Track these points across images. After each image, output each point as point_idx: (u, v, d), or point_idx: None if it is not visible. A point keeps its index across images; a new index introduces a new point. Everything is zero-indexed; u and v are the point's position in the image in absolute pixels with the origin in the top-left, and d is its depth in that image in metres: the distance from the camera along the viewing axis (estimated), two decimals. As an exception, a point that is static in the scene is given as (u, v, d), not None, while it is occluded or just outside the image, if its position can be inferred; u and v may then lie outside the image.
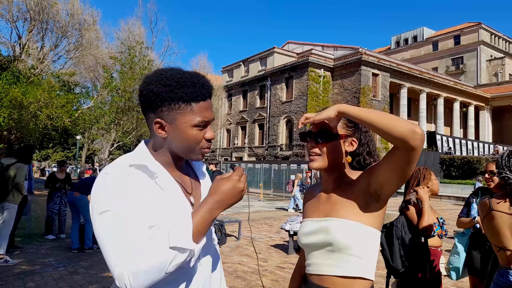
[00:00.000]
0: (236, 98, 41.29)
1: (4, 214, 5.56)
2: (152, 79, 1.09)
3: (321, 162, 1.27)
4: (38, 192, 16.80)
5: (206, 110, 1.11)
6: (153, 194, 1.05)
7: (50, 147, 42.94)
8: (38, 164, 61.26)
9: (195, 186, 1.23)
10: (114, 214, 0.97)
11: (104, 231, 0.97)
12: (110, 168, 1.06)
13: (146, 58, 24.18)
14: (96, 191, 1.03)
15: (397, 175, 1.14)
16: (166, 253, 0.95)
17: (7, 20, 17.92)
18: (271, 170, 23.39)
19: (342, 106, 1.15)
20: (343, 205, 1.25)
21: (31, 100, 14.38)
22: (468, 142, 33.16)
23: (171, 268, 0.96)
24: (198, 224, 1.00)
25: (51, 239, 7.41)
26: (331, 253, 1.22)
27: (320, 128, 1.26)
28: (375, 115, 1.10)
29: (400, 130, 1.05)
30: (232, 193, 1.04)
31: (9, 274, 5.00)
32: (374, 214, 1.23)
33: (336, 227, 1.21)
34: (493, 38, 50.61)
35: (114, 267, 0.94)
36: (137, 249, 0.94)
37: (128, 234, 0.96)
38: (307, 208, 1.40)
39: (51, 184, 7.79)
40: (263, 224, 10.36)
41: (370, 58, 30.96)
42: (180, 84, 1.07)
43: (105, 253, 0.97)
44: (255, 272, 5.43)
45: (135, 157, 1.11)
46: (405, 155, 1.08)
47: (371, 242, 1.22)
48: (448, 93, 38.46)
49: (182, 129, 1.09)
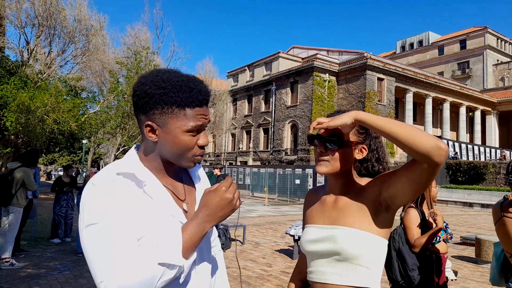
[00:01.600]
0: (241, 103, 41.39)
1: (9, 218, 5.61)
2: (147, 80, 1.05)
3: (329, 167, 1.22)
4: (44, 196, 16.92)
5: (201, 115, 1.05)
6: (141, 204, 1.01)
7: (56, 151, 43.29)
8: (44, 168, 61.74)
9: (189, 192, 1.18)
10: (99, 228, 0.93)
11: (89, 245, 0.94)
12: (97, 179, 1.02)
13: (152, 63, 24.34)
14: (83, 203, 0.99)
15: (413, 189, 1.11)
16: (154, 269, 0.91)
17: (15, 26, 18.16)
18: (276, 175, 23.35)
19: (360, 113, 1.10)
20: (351, 213, 1.21)
21: (38, 105, 14.52)
22: (474, 147, 32.88)
23: (159, 284, 0.93)
24: (187, 240, 0.97)
25: (57, 242, 7.45)
26: (338, 262, 1.19)
27: (331, 133, 1.20)
28: (398, 127, 1.05)
29: (425, 146, 1.00)
30: (220, 205, 1.00)
31: (15, 277, 5.03)
32: (383, 223, 1.19)
33: (344, 236, 1.18)
34: (499, 43, 50.35)
35: (100, 284, 0.90)
36: (123, 264, 0.90)
37: (114, 249, 0.91)
38: (311, 213, 1.35)
39: (57, 187, 7.84)
40: (267, 228, 10.34)
41: (375, 62, 30.93)
42: (175, 88, 1.02)
43: (91, 268, 0.93)
44: (260, 277, 5.41)
45: (124, 164, 1.06)
46: (426, 170, 1.04)
47: (379, 252, 1.20)
48: (454, 97, 38.26)
49: (174, 134, 1.03)
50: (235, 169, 27.84)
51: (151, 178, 1.07)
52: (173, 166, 1.14)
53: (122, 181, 1.01)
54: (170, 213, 1.06)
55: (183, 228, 0.99)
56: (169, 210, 1.06)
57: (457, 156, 29.09)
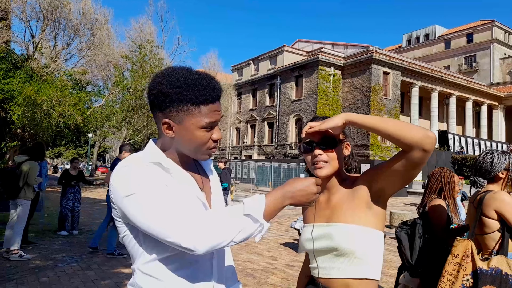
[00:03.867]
0: (245, 97, 41.34)
1: (17, 210, 5.67)
2: (162, 79, 1.09)
3: (329, 168, 1.28)
4: (51, 189, 17.07)
5: (214, 112, 1.11)
6: (170, 184, 1.08)
7: (62, 145, 43.58)
8: (50, 161, 62.20)
9: (205, 182, 1.25)
10: (143, 193, 1.01)
11: (139, 209, 1.01)
12: (128, 162, 1.09)
13: (157, 57, 24.35)
14: (117, 181, 1.06)
15: (403, 178, 1.19)
16: (239, 219, 1.00)
17: (21, 20, 18.23)
18: (281, 169, 23.38)
19: (349, 115, 1.18)
20: (344, 209, 1.27)
21: (44, 98, 14.60)
22: (480, 141, 32.68)
23: (239, 236, 1.00)
24: (269, 203, 1.04)
25: (64, 235, 7.52)
26: (337, 257, 1.24)
27: (323, 135, 1.26)
28: (389, 123, 1.14)
29: (415, 136, 1.09)
30: (303, 191, 1.07)
31: (24, 268, 5.10)
32: (376, 216, 1.25)
33: (339, 232, 1.24)
34: (507, 36, 49.71)
35: (172, 230, 0.97)
36: (190, 211, 1.00)
37: (172, 202, 1.01)
38: (307, 214, 1.42)
39: (64, 180, 7.90)
40: (272, 222, 10.37)
41: (381, 56, 30.70)
42: (190, 86, 1.07)
43: (154, 223, 0.99)
44: (265, 270, 5.44)
45: (148, 155, 1.13)
46: (417, 158, 1.12)
47: (375, 244, 1.25)
48: (461, 91, 37.94)
49: (190, 130, 1.09)
50: (239, 163, 27.90)
51: (176, 167, 1.15)
52: (190, 159, 1.22)
53: (151, 166, 1.10)
54: (196, 195, 1.15)
55: (267, 195, 1.06)
56: (195, 192, 1.15)
57: (463, 151, 28.93)
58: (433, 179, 2.88)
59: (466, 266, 2.02)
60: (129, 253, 1.16)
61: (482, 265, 1.99)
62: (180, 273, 1.09)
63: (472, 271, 2.01)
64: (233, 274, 1.32)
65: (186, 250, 0.98)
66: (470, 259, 2.03)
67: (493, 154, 2.30)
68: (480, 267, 1.98)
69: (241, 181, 24.88)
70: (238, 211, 1.01)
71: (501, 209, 2.11)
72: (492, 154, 2.31)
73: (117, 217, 1.11)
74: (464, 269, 2.03)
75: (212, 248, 0.98)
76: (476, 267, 1.99)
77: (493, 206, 2.13)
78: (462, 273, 2.03)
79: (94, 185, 13.05)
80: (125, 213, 1.03)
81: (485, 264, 1.99)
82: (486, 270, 1.96)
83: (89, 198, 15.20)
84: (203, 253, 0.98)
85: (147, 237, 1.06)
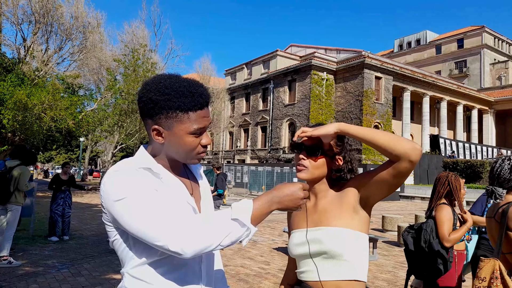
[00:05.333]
0: (239, 101, 41.35)
1: (7, 216, 5.59)
2: (151, 87, 1.11)
3: (308, 174, 1.34)
4: (42, 194, 16.87)
5: (203, 118, 1.13)
6: (160, 189, 1.10)
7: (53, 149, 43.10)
8: (41, 166, 61.48)
9: (194, 187, 1.27)
10: (133, 197, 1.02)
11: (129, 214, 1.02)
12: (118, 168, 1.10)
13: (150, 61, 24.26)
14: (107, 186, 1.07)
15: (389, 187, 1.25)
16: (226, 224, 1.01)
17: (12, 23, 18.05)
18: (274, 173, 23.37)
19: (342, 124, 1.23)
20: (331, 213, 1.31)
21: (35, 102, 14.45)
22: (471, 145, 33.04)
23: (226, 240, 1.01)
24: (257, 208, 1.05)
25: (55, 241, 7.42)
26: (325, 260, 1.28)
27: (313, 142, 1.32)
28: (378, 134, 1.20)
29: (403, 148, 1.16)
30: (291, 196, 1.08)
31: (13, 275, 5.02)
32: (362, 220, 1.30)
33: (327, 236, 1.28)
34: (496, 42, 50.49)
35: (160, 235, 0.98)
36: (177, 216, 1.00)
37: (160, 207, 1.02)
38: (294, 220, 1.45)
39: (55, 185, 7.80)
40: (265, 227, 10.35)
41: (373, 61, 30.96)
42: (178, 93, 1.09)
43: (143, 227, 1.00)
44: (258, 275, 5.42)
45: (138, 160, 1.15)
46: (404, 168, 1.18)
47: (362, 246, 1.29)
48: (452, 96, 38.37)
49: (179, 136, 1.11)
50: (232, 167, 27.83)
51: (165, 172, 1.17)
52: (179, 164, 1.24)
53: (141, 171, 1.11)
54: (186, 200, 1.16)
55: (255, 199, 1.08)
56: (185, 197, 1.16)
57: (454, 155, 29.21)
58: (440, 183, 2.90)
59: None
60: (119, 257, 1.17)
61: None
62: (169, 276, 1.10)
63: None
64: (222, 278, 1.34)
65: (174, 254, 0.99)
66: (500, 281, 1.83)
67: (511, 160, 2.08)
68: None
69: (234, 185, 24.83)
70: (226, 215, 1.02)
71: None
72: (510, 160, 2.08)
73: (107, 221, 1.12)
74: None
75: (199, 252, 1.00)
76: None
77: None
78: None
79: (86, 189, 12.91)
80: (115, 217, 1.05)
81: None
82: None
83: (80, 203, 15.05)
84: (191, 256, 0.99)
85: (137, 241, 1.08)
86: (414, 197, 20.84)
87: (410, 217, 12.22)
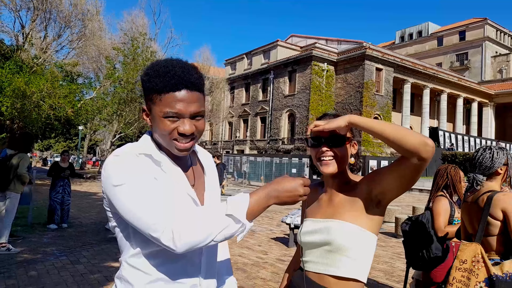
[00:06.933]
0: (238, 91, 41.21)
1: (6, 203, 5.60)
2: (147, 68, 1.11)
3: (335, 166, 1.29)
4: (41, 182, 16.89)
5: (177, 101, 1.04)
6: (160, 178, 1.08)
7: (52, 137, 43.05)
8: (40, 154, 61.49)
9: (198, 178, 1.23)
10: (131, 184, 1.01)
11: (127, 199, 1.00)
12: (119, 153, 1.09)
13: (149, 50, 24.11)
14: (107, 171, 1.05)
15: (403, 184, 1.19)
16: (220, 219, 0.98)
17: (10, 9, 17.87)
18: (273, 164, 23.42)
19: (353, 117, 1.19)
20: (345, 208, 1.28)
21: (34, 90, 14.39)
22: (470, 138, 33.06)
23: (219, 236, 0.98)
24: (253, 203, 1.02)
25: (53, 228, 7.44)
26: (328, 253, 1.26)
27: (332, 132, 1.26)
28: (389, 127, 1.15)
29: (413, 143, 1.09)
30: (289, 191, 1.04)
31: (12, 262, 5.04)
32: (373, 219, 1.26)
33: (336, 228, 1.25)
34: (498, 34, 50.16)
35: (154, 225, 0.97)
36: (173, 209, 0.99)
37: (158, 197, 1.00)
38: (310, 209, 1.43)
39: (54, 173, 7.79)
40: (263, 217, 10.40)
41: (374, 52, 30.78)
42: (155, 74, 1.05)
43: (138, 216, 0.99)
44: (256, 264, 5.46)
45: (141, 147, 1.13)
46: (414, 165, 1.12)
47: (368, 246, 1.26)
48: (452, 89, 38.27)
49: (155, 119, 1.08)
50: (231, 157, 27.87)
51: (166, 161, 1.13)
52: None
53: (142, 158, 1.09)
54: (185, 191, 1.12)
55: (251, 194, 1.04)
56: (184, 188, 1.13)
57: (453, 147, 29.23)
58: (439, 176, 2.93)
59: (478, 273, 1.92)
60: (118, 244, 1.16)
61: (495, 271, 1.88)
62: (166, 267, 1.09)
63: (485, 278, 1.90)
64: (227, 268, 1.33)
65: (166, 247, 0.98)
66: (481, 265, 1.92)
67: (492, 149, 2.25)
68: (494, 273, 1.87)
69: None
70: (221, 210, 0.99)
71: (507, 210, 2.00)
72: (491, 149, 2.25)
73: (107, 207, 1.11)
74: (476, 275, 1.92)
75: (191, 248, 0.97)
76: (491, 274, 1.88)
77: (500, 206, 2.04)
78: (474, 280, 1.92)
79: (84, 178, 12.93)
80: (112, 202, 1.04)
81: (498, 269, 1.89)
82: (501, 276, 1.86)
83: (79, 192, 15.08)
84: (182, 251, 0.97)
85: (135, 230, 1.06)
86: (412, 188, 20.92)
87: (407, 208, 12.27)
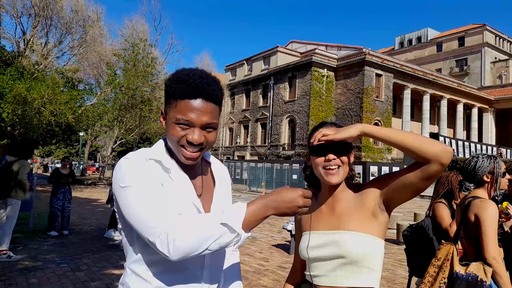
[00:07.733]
0: (239, 97, 41.29)
1: (7, 210, 5.59)
2: (172, 73, 1.16)
3: (341, 175, 1.25)
4: (41, 188, 16.87)
5: (191, 110, 1.06)
6: (167, 185, 1.09)
7: (53, 144, 43.07)
8: (41, 160, 61.48)
9: (206, 189, 1.21)
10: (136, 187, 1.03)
11: (131, 201, 1.02)
12: (130, 155, 1.11)
13: (150, 56, 24.20)
14: (117, 171, 1.08)
15: (415, 190, 1.19)
16: (215, 228, 0.97)
17: (11, 16, 17.96)
18: (273, 170, 23.37)
19: (366, 126, 1.17)
20: (351, 217, 1.25)
21: (35, 96, 14.41)
22: (471, 144, 33.03)
23: (214, 245, 0.98)
24: (250, 213, 1.00)
25: (54, 235, 7.41)
26: (344, 265, 1.22)
27: (337, 141, 1.22)
28: (409, 136, 1.14)
29: (434, 150, 1.11)
30: (287, 202, 1.02)
31: (12, 269, 5.02)
32: (381, 225, 1.25)
33: (347, 240, 1.22)
34: (497, 40, 50.37)
35: (152, 229, 0.98)
36: (172, 216, 1.00)
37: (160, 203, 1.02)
38: (307, 221, 1.35)
39: (55, 179, 7.77)
40: (265, 223, 10.36)
41: (373, 58, 30.90)
42: (177, 80, 1.09)
43: (139, 219, 1.01)
44: (257, 272, 5.43)
45: (152, 152, 1.15)
46: (435, 171, 1.12)
47: (380, 253, 1.25)
48: (452, 94, 38.35)
49: (168, 124, 1.11)
50: (232, 163, 27.84)
51: (176, 168, 1.14)
52: None
53: (152, 163, 1.11)
54: (191, 201, 1.13)
55: (249, 203, 1.03)
56: (190, 197, 1.13)
57: (453, 154, 29.22)
58: (440, 183, 2.93)
59: (445, 269, 2.06)
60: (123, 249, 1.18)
61: (459, 270, 2.01)
62: (167, 277, 1.09)
63: (449, 275, 2.04)
64: (235, 275, 1.33)
65: (161, 254, 0.98)
66: (449, 263, 2.06)
67: (478, 157, 2.32)
68: (457, 271, 2.01)
69: (234, 181, 24.83)
70: (216, 219, 0.98)
71: (480, 214, 2.10)
72: (478, 157, 2.32)
73: (115, 208, 1.13)
74: (443, 272, 2.06)
75: (185, 256, 0.97)
76: (453, 271, 2.02)
77: (474, 211, 2.14)
78: (441, 276, 2.06)
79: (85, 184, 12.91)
80: (118, 203, 1.06)
81: (462, 269, 2.02)
82: (462, 275, 1.99)
83: (80, 198, 15.05)
84: (176, 259, 0.98)
85: (138, 235, 1.07)
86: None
87: (409, 215, 12.23)
